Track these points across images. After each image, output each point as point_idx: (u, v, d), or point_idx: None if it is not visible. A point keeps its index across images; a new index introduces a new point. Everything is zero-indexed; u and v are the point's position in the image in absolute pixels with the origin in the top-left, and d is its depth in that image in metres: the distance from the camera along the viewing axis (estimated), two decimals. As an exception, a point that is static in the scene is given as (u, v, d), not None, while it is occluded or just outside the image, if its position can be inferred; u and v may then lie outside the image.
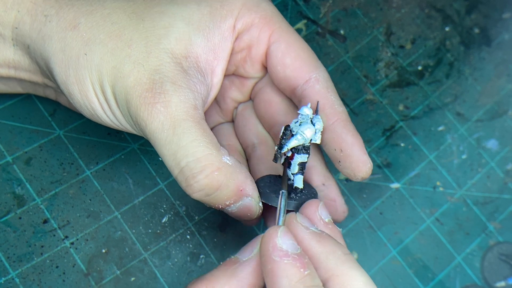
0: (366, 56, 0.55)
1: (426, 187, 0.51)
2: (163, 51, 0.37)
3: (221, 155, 0.36)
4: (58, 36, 0.38)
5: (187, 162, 0.35)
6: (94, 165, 0.47)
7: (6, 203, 0.44)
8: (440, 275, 0.48)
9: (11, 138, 0.46)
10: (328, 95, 0.40)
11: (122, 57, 0.37)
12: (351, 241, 0.48)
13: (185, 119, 0.35)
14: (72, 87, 0.38)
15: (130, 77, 0.36)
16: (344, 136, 0.40)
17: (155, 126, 0.35)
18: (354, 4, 0.57)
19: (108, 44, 0.37)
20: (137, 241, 0.45)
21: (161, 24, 0.38)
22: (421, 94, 0.55)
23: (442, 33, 0.57)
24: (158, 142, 0.36)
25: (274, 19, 0.41)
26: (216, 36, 0.39)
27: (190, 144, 0.35)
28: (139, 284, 0.44)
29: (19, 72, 0.42)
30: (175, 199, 0.47)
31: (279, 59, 0.41)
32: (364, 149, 0.40)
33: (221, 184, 0.36)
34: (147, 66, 0.36)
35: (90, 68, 0.37)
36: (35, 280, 0.42)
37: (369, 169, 0.39)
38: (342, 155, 0.39)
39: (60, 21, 0.38)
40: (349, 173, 0.40)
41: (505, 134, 0.54)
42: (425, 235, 0.49)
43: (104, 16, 0.38)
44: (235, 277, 0.33)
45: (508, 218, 0.51)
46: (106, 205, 0.46)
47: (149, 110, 0.35)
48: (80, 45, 0.37)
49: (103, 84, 0.37)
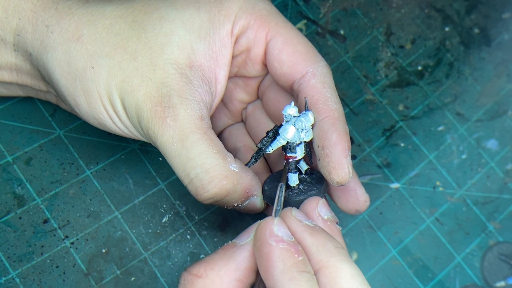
0: (366, 56, 0.55)
1: (426, 187, 0.51)
2: (167, 62, 0.38)
3: (228, 163, 0.38)
4: (62, 48, 0.38)
5: (196, 174, 0.37)
6: (94, 165, 0.47)
7: (6, 203, 0.44)
8: (440, 275, 0.48)
9: (11, 138, 0.46)
10: (323, 90, 0.40)
11: (130, 71, 0.38)
12: (351, 241, 0.48)
13: (193, 132, 0.37)
14: (80, 99, 0.39)
15: (140, 91, 0.37)
16: (329, 134, 0.38)
17: (166, 139, 0.37)
18: (354, 4, 0.57)
19: (114, 57, 0.38)
20: (137, 241, 0.45)
21: (162, 32, 0.38)
22: (421, 94, 0.55)
23: (442, 33, 0.57)
24: (169, 154, 0.38)
25: (270, 17, 0.41)
26: (217, 43, 0.39)
27: (198, 156, 0.37)
28: (139, 284, 0.44)
29: (21, 75, 0.42)
30: (175, 199, 0.47)
31: (275, 56, 0.41)
32: (346, 153, 0.38)
33: (229, 191, 0.38)
34: (155, 79, 0.37)
35: (98, 81, 0.38)
36: (35, 280, 0.42)
37: (345, 174, 0.38)
38: (323, 153, 0.38)
39: (62, 32, 0.38)
40: (325, 174, 0.38)
41: (505, 134, 0.54)
42: (425, 235, 0.49)
43: (107, 26, 0.38)
44: (233, 260, 0.34)
45: (508, 218, 0.51)
46: (106, 205, 0.46)
47: (159, 124, 0.37)
48: (86, 58, 0.38)
49: (112, 97, 0.38)
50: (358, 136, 0.52)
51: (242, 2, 0.40)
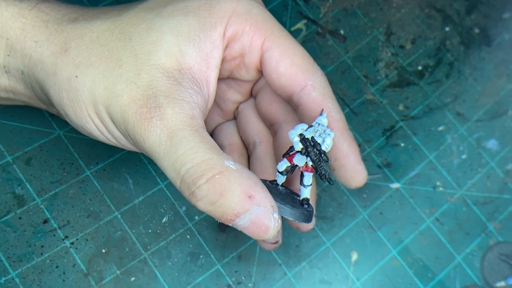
0: (366, 56, 0.55)
1: (426, 187, 0.51)
2: (153, 67, 0.36)
3: (223, 159, 0.34)
4: (49, 60, 0.38)
5: (186, 170, 0.34)
6: (94, 165, 0.47)
7: (6, 203, 0.44)
8: (440, 275, 0.48)
9: (11, 138, 0.46)
10: (325, 102, 0.40)
11: (114, 77, 0.36)
12: (351, 241, 0.48)
13: (182, 129, 0.35)
14: (67, 109, 0.38)
15: (123, 96, 0.36)
16: (339, 146, 0.39)
17: (153, 140, 0.35)
18: (354, 4, 0.57)
19: (99, 67, 0.37)
20: (137, 241, 0.45)
21: (149, 40, 0.37)
22: (421, 94, 0.55)
23: (442, 33, 0.57)
24: (158, 155, 0.35)
25: (266, 25, 0.40)
26: (208, 46, 0.38)
27: (188, 152, 0.34)
28: (139, 284, 0.44)
29: (18, 96, 0.42)
30: (175, 199, 0.47)
31: (273, 68, 0.40)
32: (360, 158, 0.39)
33: (224, 188, 0.34)
34: (140, 83, 0.36)
35: (82, 90, 0.37)
36: (35, 280, 0.42)
37: (363, 179, 0.39)
38: (337, 164, 0.39)
39: (50, 46, 0.38)
40: (343, 182, 0.40)
41: (505, 134, 0.54)
42: (425, 235, 0.49)
43: (93, 39, 0.38)
44: None
45: (508, 218, 0.51)
46: (106, 205, 0.46)
47: (145, 125, 0.35)
48: (71, 68, 0.37)
49: (97, 105, 0.37)
50: (358, 136, 0.52)
51: (236, 7, 0.39)
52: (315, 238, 0.48)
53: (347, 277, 0.47)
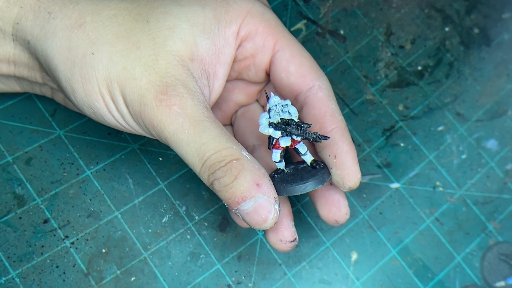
0: (366, 56, 0.55)
1: (426, 187, 0.51)
2: (170, 54, 0.38)
3: (240, 149, 0.38)
4: (63, 34, 0.38)
5: (209, 155, 0.37)
6: (94, 165, 0.47)
7: (6, 203, 0.44)
8: (440, 275, 0.48)
9: (11, 138, 0.46)
10: (329, 103, 0.42)
11: (132, 59, 0.37)
12: (351, 241, 0.48)
13: (203, 120, 0.37)
14: (77, 85, 0.39)
15: (142, 79, 0.37)
16: (340, 144, 0.40)
17: (175, 127, 0.37)
18: (354, 4, 0.57)
19: (116, 45, 0.38)
20: (137, 241, 0.45)
21: (166, 25, 0.38)
22: (421, 94, 0.55)
23: (442, 33, 0.57)
24: (180, 142, 0.37)
25: (278, 28, 0.42)
26: (221, 41, 0.40)
27: (211, 141, 0.37)
28: (139, 284, 0.44)
29: (18, 67, 0.42)
30: (175, 199, 0.47)
31: (283, 67, 0.42)
32: (357, 160, 0.41)
33: (239, 172, 0.37)
34: (157, 68, 0.37)
35: (98, 67, 0.38)
36: (35, 280, 0.42)
37: (358, 180, 0.41)
38: (335, 161, 0.40)
39: (64, 19, 0.38)
40: (338, 181, 0.41)
41: (504, 134, 0.54)
42: (425, 235, 0.49)
43: (110, 16, 0.38)
44: None
45: (508, 218, 0.51)
46: (106, 205, 0.46)
47: (166, 113, 0.37)
48: (87, 44, 0.38)
49: (111, 84, 0.38)
50: (358, 136, 0.52)
51: (251, 8, 0.41)
52: (315, 238, 0.48)
53: (347, 277, 0.47)
